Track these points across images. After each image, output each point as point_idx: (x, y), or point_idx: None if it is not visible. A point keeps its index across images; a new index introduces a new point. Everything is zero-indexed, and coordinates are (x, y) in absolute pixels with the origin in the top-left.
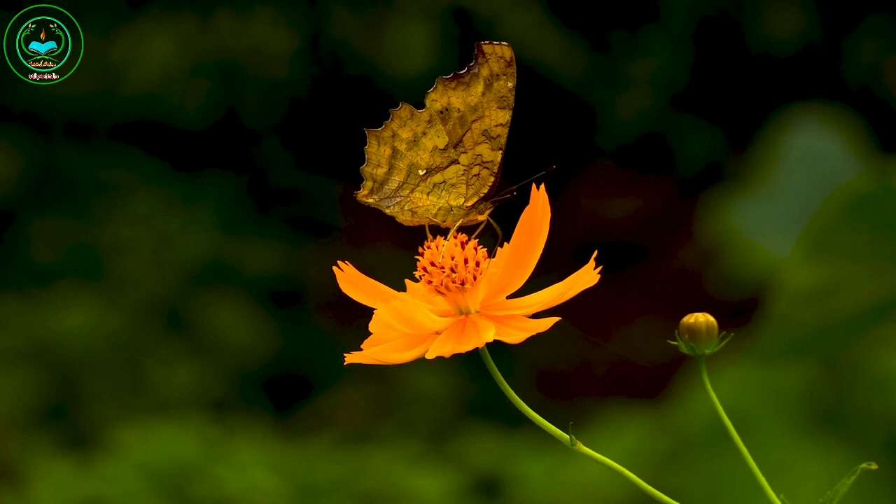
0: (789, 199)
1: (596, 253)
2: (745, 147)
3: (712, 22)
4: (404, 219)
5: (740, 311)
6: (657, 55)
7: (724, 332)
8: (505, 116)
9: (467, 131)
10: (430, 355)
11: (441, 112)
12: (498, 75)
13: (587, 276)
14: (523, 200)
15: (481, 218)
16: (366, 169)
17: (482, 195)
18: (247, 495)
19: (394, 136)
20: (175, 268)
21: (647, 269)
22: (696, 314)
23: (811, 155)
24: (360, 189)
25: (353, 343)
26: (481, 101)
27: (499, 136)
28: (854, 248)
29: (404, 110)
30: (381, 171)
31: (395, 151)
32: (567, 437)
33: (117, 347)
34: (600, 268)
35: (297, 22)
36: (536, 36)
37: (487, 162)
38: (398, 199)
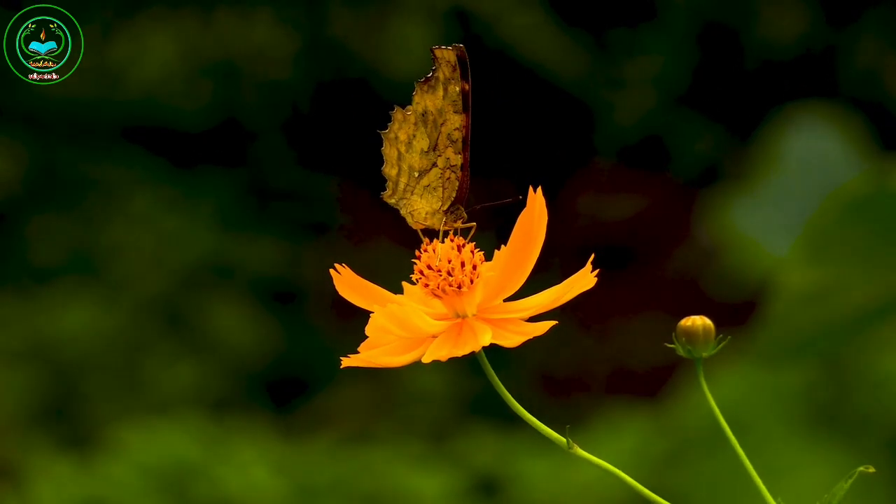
0: (789, 198)
1: (593, 256)
2: (745, 146)
3: (713, 20)
4: (410, 221)
5: (739, 311)
6: (658, 54)
7: (722, 335)
8: (458, 120)
9: (439, 135)
10: (426, 359)
11: (423, 115)
12: (449, 80)
13: (585, 279)
14: (521, 203)
15: (457, 225)
16: (384, 169)
17: (452, 199)
18: (247, 495)
19: (396, 137)
20: (175, 267)
21: (647, 269)
22: (693, 317)
23: (811, 154)
24: (384, 190)
25: (352, 342)
26: (443, 105)
27: (457, 140)
28: (852, 250)
29: (398, 113)
30: (393, 172)
31: (398, 153)
32: (564, 440)
33: (117, 347)
34: (597, 270)
35: (298, 22)
36: (537, 37)
37: (453, 165)
38: (404, 201)
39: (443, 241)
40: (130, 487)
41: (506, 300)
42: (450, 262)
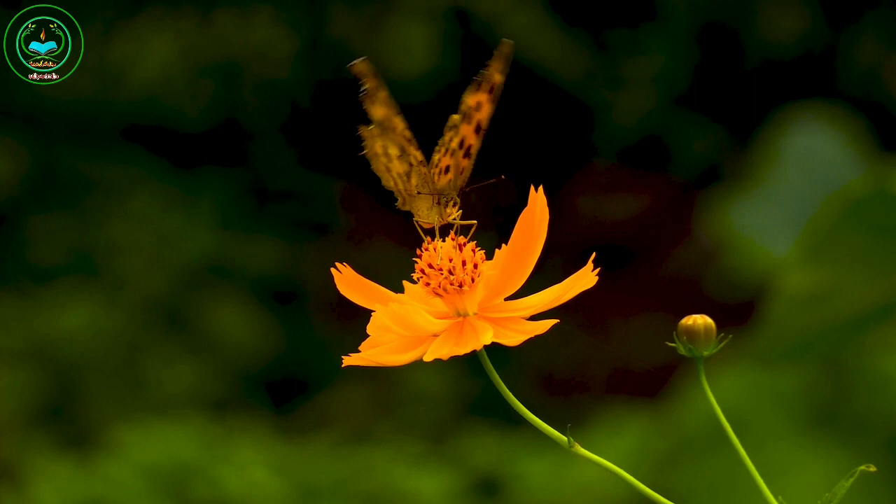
0: (789, 198)
1: (594, 255)
2: (745, 146)
3: (713, 20)
4: (419, 221)
5: (739, 312)
6: (658, 54)
7: (723, 334)
8: (400, 123)
9: (399, 137)
10: (427, 357)
11: (379, 124)
12: (376, 88)
13: (586, 278)
14: (522, 202)
15: (451, 210)
16: (383, 185)
17: (436, 192)
18: (247, 495)
19: (375, 154)
20: (175, 267)
21: (647, 269)
22: (694, 316)
23: (811, 154)
24: (397, 201)
25: (353, 342)
26: (386, 112)
27: (410, 138)
28: (852, 252)
29: (363, 131)
30: (390, 183)
31: (385, 166)
32: (565, 438)
33: (117, 347)
34: (598, 269)
35: (298, 22)
36: (537, 37)
37: (420, 161)
38: (411, 204)
39: (443, 240)
40: (130, 487)
41: (507, 299)
42: (451, 260)
